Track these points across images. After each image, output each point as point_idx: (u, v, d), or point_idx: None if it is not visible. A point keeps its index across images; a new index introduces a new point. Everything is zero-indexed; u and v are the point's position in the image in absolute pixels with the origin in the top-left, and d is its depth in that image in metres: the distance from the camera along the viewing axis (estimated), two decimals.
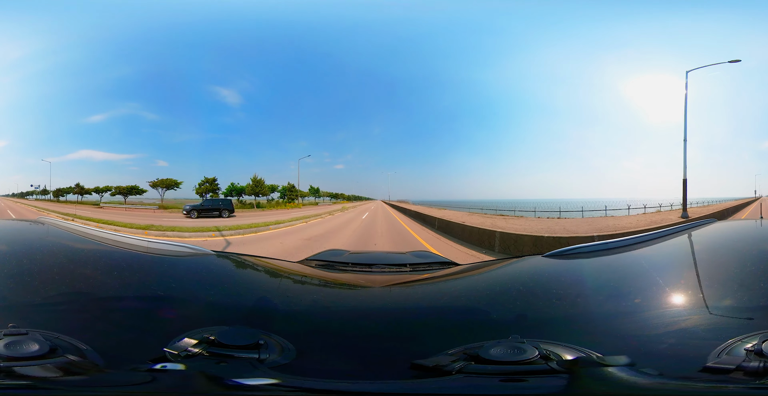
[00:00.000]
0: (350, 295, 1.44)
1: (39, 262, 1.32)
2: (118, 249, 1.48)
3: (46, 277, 1.20)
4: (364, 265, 1.74)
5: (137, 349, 0.87)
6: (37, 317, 0.96)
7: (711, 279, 1.20)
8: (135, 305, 1.12)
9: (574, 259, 1.46)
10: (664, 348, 0.87)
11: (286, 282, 1.51)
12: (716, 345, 0.79)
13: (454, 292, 1.43)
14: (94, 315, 1.04)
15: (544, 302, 1.17)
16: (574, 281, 1.35)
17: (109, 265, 1.40)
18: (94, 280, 1.25)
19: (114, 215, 20.33)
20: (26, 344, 0.75)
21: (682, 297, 1.10)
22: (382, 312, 1.19)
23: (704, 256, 1.49)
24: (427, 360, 0.80)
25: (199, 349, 0.82)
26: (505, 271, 1.58)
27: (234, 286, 1.39)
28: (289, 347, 0.87)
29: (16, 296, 1.08)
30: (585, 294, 1.21)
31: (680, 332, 0.93)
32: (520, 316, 1.12)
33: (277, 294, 1.36)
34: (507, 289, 1.36)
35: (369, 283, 1.53)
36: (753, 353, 0.74)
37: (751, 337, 0.78)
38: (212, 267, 1.45)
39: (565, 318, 1.06)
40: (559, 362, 0.77)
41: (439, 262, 1.83)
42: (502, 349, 0.79)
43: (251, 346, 0.83)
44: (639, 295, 1.14)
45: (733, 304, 1.02)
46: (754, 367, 0.71)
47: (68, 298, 1.11)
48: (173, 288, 1.25)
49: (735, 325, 0.91)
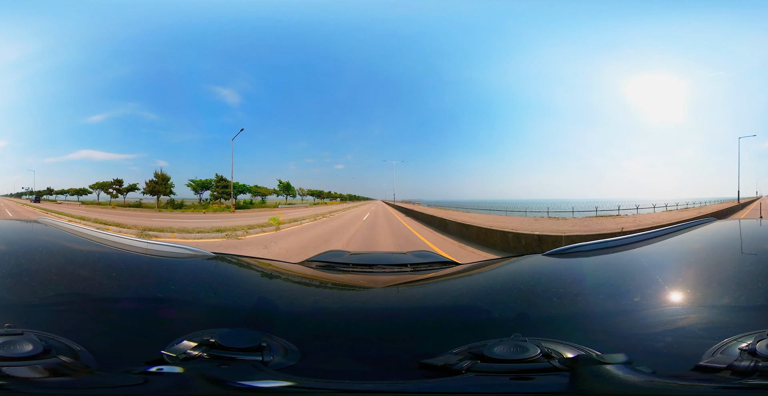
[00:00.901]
0: (352, 296, 1.44)
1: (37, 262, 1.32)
2: (116, 250, 1.48)
3: (43, 277, 1.20)
4: (365, 266, 1.74)
5: (134, 352, 0.86)
6: (33, 317, 0.95)
7: (710, 278, 1.21)
8: (133, 307, 1.11)
9: (573, 258, 1.47)
10: (661, 346, 0.88)
11: (286, 283, 1.50)
12: (712, 344, 0.80)
13: (456, 291, 1.44)
14: (91, 316, 1.03)
15: (544, 301, 1.17)
16: (574, 280, 1.35)
17: (107, 266, 1.39)
18: (92, 281, 1.25)
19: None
20: (20, 344, 0.74)
21: (681, 295, 1.10)
22: (384, 312, 1.19)
23: (703, 255, 1.49)
24: (434, 359, 0.81)
25: (199, 352, 0.81)
26: (506, 270, 1.58)
27: (234, 287, 1.38)
28: (293, 349, 0.87)
29: (14, 296, 1.07)
30: (585, 292, 1.21)
31: (678, 331, 0.94)
32: (521, 315, 1.12)
33: (278, 295, 1.35)
34: (508, 287, 1.37)
35: (370, 283, 1.53)
36: (746, 352, 0.74)
37: (746, 337, 0.79)
38: (211, 269, 1.44)
39: (565, 316, 1.07)
40: (561, 360, 0.78)
41: (440, 262, 1.83)
42: (505, 348, 0.80)
43: (253, 349, 0.82)
44: (638, 293, 1.15)
45: (731, 303, 1.03)
46: (745, 367, 0.72)
47: (65, 298, 1.10)
48: (172, 290, 1.24)
49: (732, 324, 0.92)
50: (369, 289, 1.47)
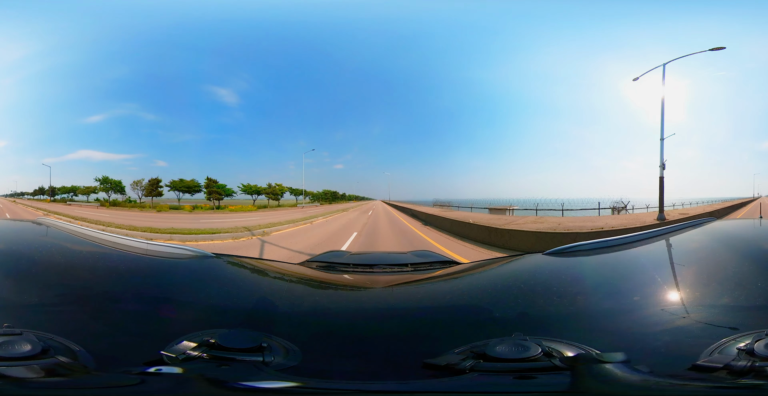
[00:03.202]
0: (353, 296, 1.44)
1: (37, 262, 1.32)
2: (116, 251, 1.47)
3: (43, 277, 1.20)
4: (366, 266, 1.74)
5: (133, 352, 0.86)
6: (32, 318, 0.95)
7: (709, 278, 1.21)
8: (133, 307, 1.11)
9: (574, 257, 1.47)
10: (660, 345, 0.88)
11: (287, 284, 1.50)
12: (710, 343, 0.80)
13: (457, 290, 1.44)
14: (90, 316, 1.03)
15: (545, 300, 1.17)
16: (574, 279, 1.36)
17: (107, 267, 1.39)
18: (92, 282, 1.24)
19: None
20: (18, 344, 0.74)
21: (680, 295, 1.11)
22: (386, 312, 1.19)
23: (703, 254, 1.49)
24: (438, 359, 0.81)
25: (199, 352, 0.81)
26: (507, 269, 1.58)
27: (234, 288, 1.38)
28: (294, 349, 0.87)
29: (13, 296, 1.07)
30: (585, 292, 1.21)
31: (677, 330, 0.94)
32: (522, 314, 1.12)
33: (279, 296, 1.35)
34: (508, 287, 1.37)
35: (371, 283, 1.53)
36: (744, 352, 0.75)
37: (744, 337, 0.79)
38: (212, 269, 1.44)
39: (565, 315, 1.07)
40: (561, 359, 0.78)
41: (440, 261, 1.84)
42: (506, 347, 0.80)
43: (254, 349, 0.82)
44: (638, 292, 1.15)
45: (730, 303, 1.03)
46: (741, 366, 0.72)
47: (65, 299, 1.10)
48: (172, 290, 1.24)
49: (731, 323, 0.92)
50: (370, 289, 1.46)
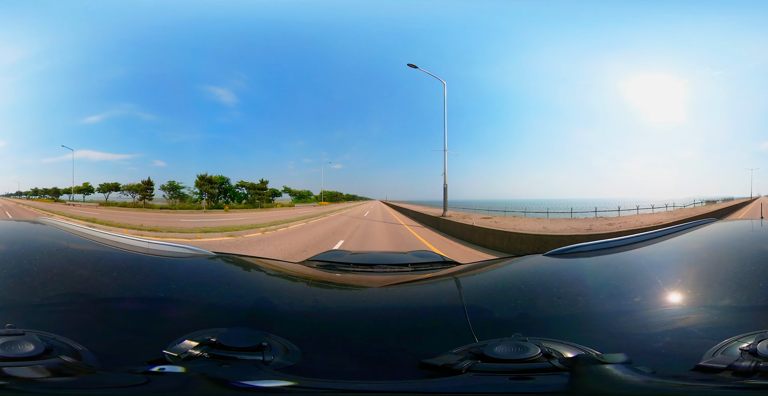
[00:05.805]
0: (353, 296, 1.44)
1: (38, 262, 1.32)
2: (117, 250, 1.48)
3: (45, 277, 1.20)
4: (366, 266, 1.74)
5: (135, 351, 0.86)
6: (35, 318, 0.95)
7: (710, 278, 1.21)
8: (134, 307, 1.11)
9: (574, 258, 1.47)
10: (661, 346, 0.88)
11: (287, 283, 1.50)
12: (712, 344, 0.80)
13: (457, 291, 1.43)
14: (92, 316, 1.03)
15: (545, 301, 1.17)
16: (575, 280, 1.35)
17: (108, 266, 1.39)
18: (93, 281, 1.24)
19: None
20: (22, 344, 0.74)
21: (681, 296, 1.10)
22: (385, 312, 1.19)
23: (703, 255, 1.49)
24: (435, 359, 0.81)
25: (200, 351, 0.81)
26: (507, 270, 1.58)
27: (235, 287, 1.38)
28: (293, 349, 0.87)
29: (15, 296, 1.07)
30: (585, 293, 1.21)
31: (678, 331, 0.94)
32: (522, 315, 1.12)
33: (279, 295, 1.35)
34: (509, 287, 1.37)
35: (371, 283, 1.53)
36: (747, 353, 0.74)
37: (747, 337, 0.79)
38: (212, 268, 1.44)
39: (566, 316, 1.07)
40: (561, 360, 0.78)
41: (440, 262, 1.84)
42: (505, 348, 0.80)
43: (254, 348, 0.82)
44: (638, 293, 1.15)
45: (732, 304, 1.03)
46: (745, 367, 0.72)
47: (67, 298, 1.10)
48: (173, 289, 1.24)
49: (733, 324, 0.91)
50: (370, 288, 1.47)
